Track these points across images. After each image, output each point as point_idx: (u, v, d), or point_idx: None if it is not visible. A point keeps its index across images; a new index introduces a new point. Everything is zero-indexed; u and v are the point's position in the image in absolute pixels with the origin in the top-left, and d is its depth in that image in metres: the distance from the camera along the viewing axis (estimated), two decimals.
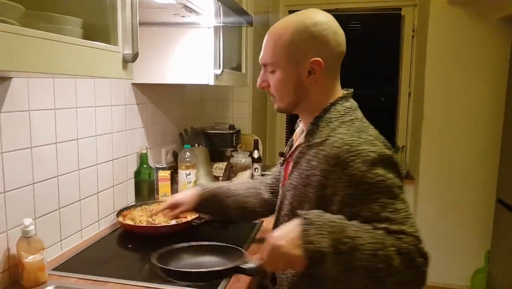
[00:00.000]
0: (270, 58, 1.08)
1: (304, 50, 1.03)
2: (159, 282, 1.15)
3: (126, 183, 1.78)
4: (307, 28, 1.02)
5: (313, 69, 1.04)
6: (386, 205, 0.92)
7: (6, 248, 1.15)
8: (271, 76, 1.10)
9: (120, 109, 1.72)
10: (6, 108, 1.13)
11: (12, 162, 1.15)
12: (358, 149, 0.94)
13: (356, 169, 0.93)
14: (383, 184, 0.92)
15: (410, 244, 0.88)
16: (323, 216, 0.92)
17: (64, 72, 0.80)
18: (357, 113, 1.08)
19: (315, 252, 0.86)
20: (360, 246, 0.86)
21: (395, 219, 0.91)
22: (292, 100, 1.10)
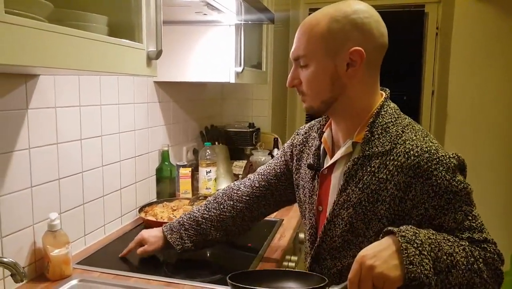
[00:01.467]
0: (303, 50, 0.95)
1: (343, 39, 0.91)
2: (180, 278, 1.16)
3: (148, 180, 1.80)
4: (347, 15, 0.92)
5: (353, 60, 0.92)
6: (467, 213, 0.89)
7: (33, 241, 1.17)
8: (304, 72, 0.98)
9: (143, 106, 1.74)
10: (33, 105, 1.15)
11: (39, 158, 1.18)
12: (438, 156, 0.89)
13: (441, 178, 0.87)
14: (465, 192, 0.89)
15: (493, 253, 0.87)
16: (419, 232, 0.82)
17: (90, 68, 0.81)
18: (405, 115, 1.01)
19: (418, 274, 0.77)
20: (456, 263, 0.81)
21: (476, 227, 0.88)
22: (327, 97, 0.97)
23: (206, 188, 1.98)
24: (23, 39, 0.63)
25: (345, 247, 0.98)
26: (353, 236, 0.96)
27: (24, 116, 1.12)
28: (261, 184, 1.26)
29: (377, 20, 0.94)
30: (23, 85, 1.12)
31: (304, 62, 0.97)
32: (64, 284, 1.13)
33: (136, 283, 1.14)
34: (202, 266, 1.29)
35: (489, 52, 2.89)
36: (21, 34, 0.63)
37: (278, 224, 1.64)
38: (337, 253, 1.00)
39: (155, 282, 1.15)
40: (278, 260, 1.32)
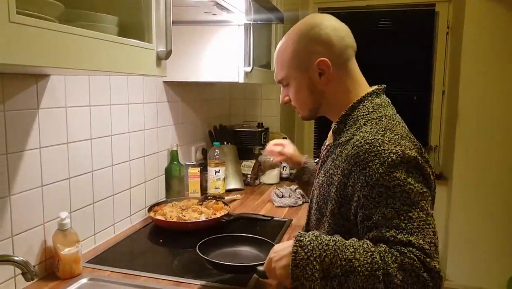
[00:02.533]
0: (281, 73, 1.10)
1: (308, 55, 1.03)
2: (190, 277, 1.17)
3: (157, 179, 1.81)
4: (305, 34, 1.04)
5: (322, 70, 1.03)
6: (400, 212, 0.87)
7: (43, 240, 1.18)
8: (289, 90, 1.11)
9: (152, 106, 1.75)
10: (44, 105, 1.16)
11: (49, 157, 1.19)
12: (378, 149, 0.90)
13: (374, 171, 0.89)
14: (400, 189, 0.87)
15: (414, 259, 0.83)
16: (317, 239, 0.88)
17: (100, 69, 0.82)
18: (387, 110, 1.02)
19: (299, 276, 0.85)
20: (355, 269, 0.83)
21: (405, 228, 0.86)
22: (311, 106, 1.10)
23: (214, 188, 1.99)
24: (35, 40, 0.64)
25: (319, 226, 1.08)
26: (320, 215, 1.06)
27: (35, 116, 1.14)
28: None
29: (333, 28, 1.04)
30: (34, 85, 1.13)
31: (286, 82, 1.11)
32: (74, 283, 1.14)
33: (146, 282, 1.15)
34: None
35: (500, 51, 2.86)
36: (33, 34, 0.63)
37: (287, 224, 1.64)
38: (315, 230, 1.08)
39: (164, 282, 1.16)
40: None
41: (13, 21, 0.59)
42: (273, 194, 1.96)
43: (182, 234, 1.47)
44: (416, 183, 0.89)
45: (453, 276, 3.10)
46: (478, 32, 2.88)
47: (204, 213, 1.60)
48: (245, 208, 1.85)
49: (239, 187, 2.15)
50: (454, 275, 3.10)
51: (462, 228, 3.03)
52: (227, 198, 1.90)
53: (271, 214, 1.75)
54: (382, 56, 3.33)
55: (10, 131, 1.06)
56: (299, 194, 1.95)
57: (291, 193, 1.95)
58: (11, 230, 1.07)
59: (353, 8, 3.38)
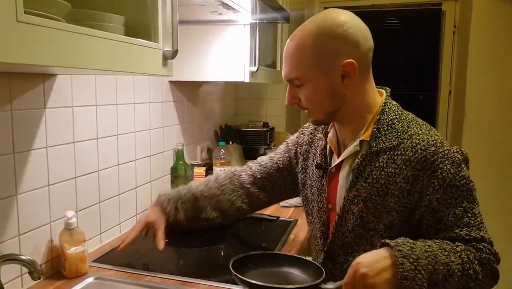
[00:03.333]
0: (296, 72, 0.97)
1: (333, 55, 0.94)
2: (195, 277, 1.16)
3: (163, 179, 1.81)
4: (331, 30, 0.93)
5: (347, 72, 0.94)
6: (467, 210, 0.90)
7: (50, 239, 1.19)
8: (301, 90, 1.00)
9: (158, 106, 1.75)
10: (51, 104, 1.17)
11: (56, 156, 1.19)
12: (443, 149, 0.91)
13: (446, 172, 0.90)
14: (467, 188, 0.91)
15: (488, 253, 0.89)
16: (415, 246, 0.84)
17: (106, 68, 0.82)
18: (407, 111, 1.04)
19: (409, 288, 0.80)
20: (452, 272, 0.84)
21: (474, 224, 0.90)
22: (329, 109, 1.00)
23: None
24: (42, 39, 0.64)
25: (357, 242, 1.01)
26: (364, 230, 0.99)
27: (41, 115, 1.14)
28: (263, 176, 1.29)
29: (360, 26, 0.96)
30: (41, 84, 1.13)
31: (300, 82, 0.99)
32: (80, 282, 1.14)
33: (151, 282, 1.15)
34: (216, 266, 1.29)
35: (508, 51, 2.84)
36: (40, 34, 0.64)
37: (293, 224, 1.63)
38: (349, 248, 1.03)
39: (170, 281, 1.16)
40: None
41: (20, 21, 0.59)
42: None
43: (188, 234, 1.47)
44: (472, 180, 0.94)
45: None
46: (485, 32, 2.86)
47: None
48: None
49: None
50: None
51: None
52: None
53: (276, 214, 1.74)
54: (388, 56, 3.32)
55: (17, 130, 1.06)
56: None
57: None
58: (18, 229, 1.08)
59: (359, 7, 3.37)
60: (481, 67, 2.89)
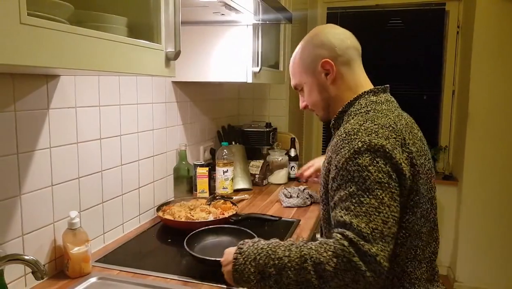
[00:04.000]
0: (294, 80, 1.21)
1: (313, 59, 1.13)
2: (198, 278, 1.17)
3: (166, 179, 1.82)
4: (310, 41, 1.15)
5: (327, 70, 1.11)
6: (353, 195, 0.91)
7: (53, 239, 1.20)
8: (304, 94, 1.20)
9: (161, 106, 1.75)
10: (54, 105, 1.18)
11: (59, 157, 1.20)
12: (352, 137, 0.96)
13: (342, 155, 0.96)
14: (358, 175, 0.92)
15: (344, 245, 0.86)
16: (256, 244, 0.99)
17: (109, 69, 0.82)
18: (381, 106, 1.05)
19: (240, 281, 0.97)
20: (287, 264, 0.91)
21: (353, 210, 0.90)
22: (323, 104, 1.17)
23: (223, 188, 1.99)
24: (45, 41, 0.64)
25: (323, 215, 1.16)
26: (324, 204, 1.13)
27: (45, 115, 1.15)
28: None
29: (334, 33, 1.13)
30: (45, 85, 1.14)
31: (300, 88, 1.21)
32: (83, 282, 1.15)
33: (154, 282, 1.15)
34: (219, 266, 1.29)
35: (510, 51, 2.82)
36: (43, 35, 0.64)
37: (295, 224, 1.63)
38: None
39: (172, 281, 1.16)
40: None
41: (24, 23, 0.60)
42: (281, 194, 1.95)
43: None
44: (377, 172, 0.91)
45: (462, 278, 3.07)
46: (489, 32, 2.85)
47: (212, 213, 1.61)
48: (253, 208, 1.85)
49: (247, 187, 2.15)
50: (464, 276, 3.07)
51: (471, 230, 2.99)
52: (235, 198, 1.90)
53: (279, 214, 1.74)
54: (391, 56, 3.31)
55: (21, 131, 1.07)
56: (307, 194, 1.95)
57: (299, 193, 1.95)
58: (22, 229, 1.09)
59: (363, 8, 3.36)
60: (485, 67, 2.88)
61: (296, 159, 2.40)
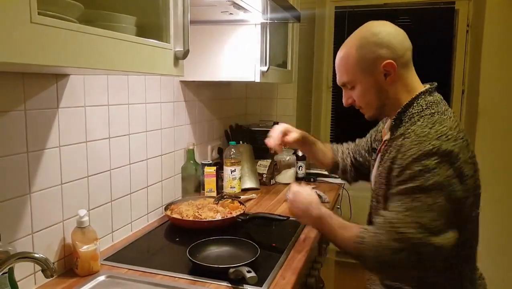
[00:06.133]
0: (347, 77, 1.18)
1: (373, 59, 1.12)
2: (206, 276, 1.17)
3: (174, 178, 1.82)
4: (368, 40, 1.13)
5: (388, 71, 1.12)
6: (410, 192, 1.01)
7: (62, 237, 1.20)
8: (353, 92, 1.20)
9: (169, 106, 1.76)
10: (64, 104, 1.18)
11: (68, 156, 1.21)
12: (422, 139, 1.01)
13: (409, 156, 1.02)
14: (421, 174, 0.99)
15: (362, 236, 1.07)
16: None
17: (118, 68, 0.83)
18: (439, 107, 1.11)
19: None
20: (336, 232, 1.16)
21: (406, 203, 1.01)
22: (378, 105, 1.18)
23: (230, 187, 1.99)
24: (55, 40, 0.65)
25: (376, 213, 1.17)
26: (377, 202, 1.19)
27: (55, 115, 1.15)
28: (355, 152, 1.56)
29: (392, 32, 1.14)
30: (54, 84, 1.15)
31: (351, 85, 1.20)
32: (92, 280, 1.15)
33: (162, 281, 1.16)
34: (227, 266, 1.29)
35: None
36: (53, 35, 0.64)
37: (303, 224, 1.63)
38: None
39: (181, 280, 1.16)
40: (303, 261, 1.31)
41: (34, 22, 0.60)
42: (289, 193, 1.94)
43: (198, 233, 1.47)
44: (439, 175, 0.99)
45: None
46: (499, 30, 2.81)
47: (220, 212, 1.61)
48: (260, 208, 1.85)
49: (254, 186, 2.15)
50: None
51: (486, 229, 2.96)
52: (242, 198, 1.90)
53: (287, 214, 1.73)
54: None
55: (31, 130, 1.08)
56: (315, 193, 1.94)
57: None
58: (32, 227, 1.09)
59: (371, 7, 3.34)
60: (495, 66, 2.85)
61: (303, 159, 2.39)
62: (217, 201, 1.73)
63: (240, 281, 1.12)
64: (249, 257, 1.22)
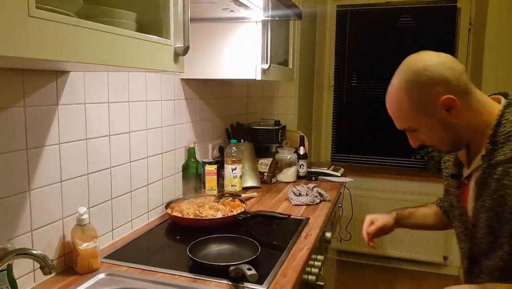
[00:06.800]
0: (406, 124, 1.10)
1: (429, 100, 1.03)
2: (206, 274, 1.16)
3: (174, 176, 1.81)
4: (415, 81, 1.03)
5: (449, 105, 1.02)
6: None
7: (62, 235, 1.20)
8: (418, 134, 1.11)
9: (170, 104, 1.75)
10: (64, 101, 1.18)
11: (68, 153, 1.20)
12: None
13: None
14: None
15: None
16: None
17: (118, 64, 0.82)
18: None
19: None
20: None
21: None
22: (450, 139, 1.09)
23: (231, 185, 1.98)
24: (53, 34, 0.64)
25: (492, 248, 1.07)
26: (494, 237, 1.05)
27: (54, 111, 1.15)
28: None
29: (439, 62, 1.03)
30: (54, 81, 1.14)
31: (413, 129, 1.10)
32: (92, 278, 1.15)
33: (162, 278, 1.15)
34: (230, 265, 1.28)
35: None
36: (52, 29, 0.64)
37: (304, 222, 1.62)
38: (487, 254, 1.09)
39: (181, 278, 1.16)
40: (304, 259, 1.30)
41: (32, 16, 0.60)
42: (290, 192, 1.94)
43: (199, 231, 1.46)
44: None
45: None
46: (501, 29, 2.80)
47: (221, 210, 1.60)
48: (261, 206, 1.84)
49: (255, 185, 2.14)
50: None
51: None
52: (243, 196, 1.89)
53: (288, 212, 1.72)
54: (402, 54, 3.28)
55: (30, 127, 1.07)
56: (316, 192, 1.94)
57: (308, 191, 1.93)
58: (31, 224, 1.09)
59: (373, 5, 3.33)
60: (497, 65, 2.83)
61: (305, 157, 2.38)
62: (218, 199, 1.72)
63: (241, 279, 1.11)
64: (250, 255, 1.22)
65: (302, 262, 1.28)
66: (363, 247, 3.28)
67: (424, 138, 1.11)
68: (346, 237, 2.94)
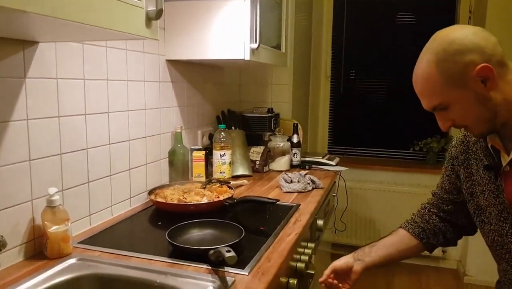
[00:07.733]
0: (436, 100, 0.98)
1: (462, 69, 0.93)
2: (185, 260, 1.08)
3: (160, 162, 1.73)
4: (447, 50, 0.94)
5: (485, 76, 0.92)
6: None
7: (31, 218, 1.12)
8: (450, 112, 0.99)
9: (154, 85, 1.67)
10: (32, 74, 1.10)
11: (38, 130, 1.12)
12: None
13: None
14: None
15: None
16: None
17: (81, 21, 0.74)
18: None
19: None
20: None
21: None
22: (488, 117, 0.97)
23: (220, 172, 1.90)
24: None
25: None
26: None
27: (21, 85, 1.07)
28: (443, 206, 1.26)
29: (474, 32, 0.95)
30: (21, 51, 1.06)
31: (444, 106, 0.98)
32: (62, 262, 1.07)
33: (138, 263, 1.07)
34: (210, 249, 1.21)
35: None
36: None
37: (294, 208, 1.54)
38: None
39: (158, 263, 1.08)
40: (292, 244, 1.22)
41: None
42: (281, 179, 1.86)
43: (183, 217, 1.38)
44: None
45: (472, 272, 2.96)
46: (502, 18, 2.72)
47: (207, 196, 1.52)
48: (251, 193, 1.76)
49: (247, 173, 2.06)
50: (474, 270, 2.95)
51: None
52: (233, 183, 1.81)
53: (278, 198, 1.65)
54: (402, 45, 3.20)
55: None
56: (308, 179, 1.85)
57: (300, 178, 1.85)
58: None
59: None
60: None
61: (298, 146, 2.30)
62: (205, 185, 1.64)
63: (221, 263, 1.04)
64: (233, 239, 1.14)
65: (288, 247, 1.20)
66: (359, 240, 3.20)
67: (456, 117, 0.99)
68: (341, 228, 2.86)
